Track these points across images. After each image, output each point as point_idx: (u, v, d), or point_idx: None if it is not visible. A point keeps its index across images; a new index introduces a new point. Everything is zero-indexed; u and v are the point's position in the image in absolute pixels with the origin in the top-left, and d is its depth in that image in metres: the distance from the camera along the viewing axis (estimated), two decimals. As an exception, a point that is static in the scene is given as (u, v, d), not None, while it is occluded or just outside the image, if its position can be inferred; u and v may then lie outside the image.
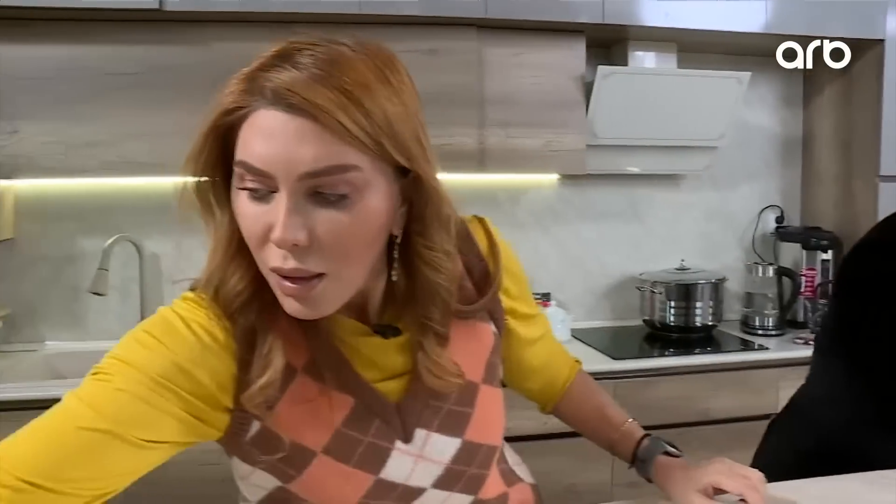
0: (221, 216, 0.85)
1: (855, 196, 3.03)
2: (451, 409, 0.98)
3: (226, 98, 0.80)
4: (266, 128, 0.77)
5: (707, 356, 2.66)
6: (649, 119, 2.82)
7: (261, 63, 0.80)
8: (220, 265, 0.86)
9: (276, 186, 0.78)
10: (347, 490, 0.92)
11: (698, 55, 3.04)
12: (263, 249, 0.81)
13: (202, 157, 0.83)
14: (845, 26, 2.84)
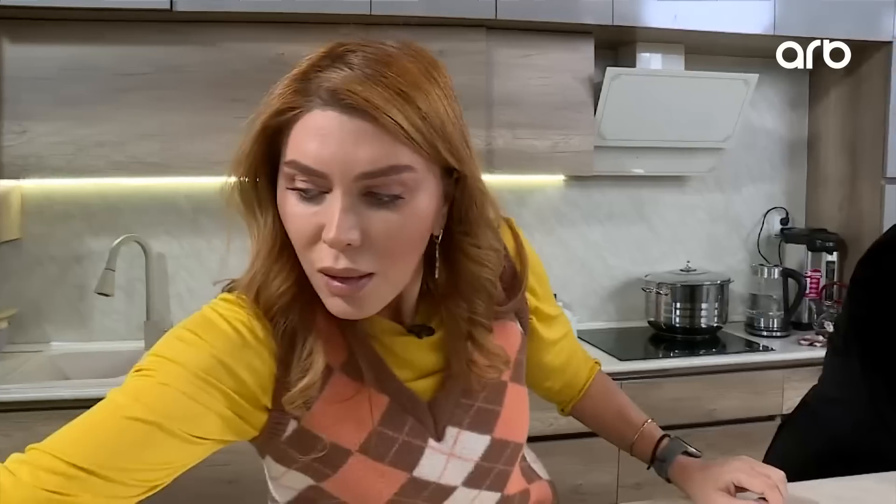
0: (264, 217, 0.86)
1: (860, 198, 3.06)
2: (480, 406, 1.00)
3: (277, 99, 0.81)
4: (321, 128, 0.78)
5: (712, 357, 2.68)
6: (656, 120, 2.84)
7: (312, 63, 0.81)
8: (264, 267, 0.86)
9: (330, 187, 0.79)
10: (381, 488, 0.93)
11: (705, 57, 3.07)
12: (312, 250, 0.82)
13: (250, 157, 0.83)
14: (852, 27, 2.87)
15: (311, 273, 0.84)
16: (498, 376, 0.99)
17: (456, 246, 0.91)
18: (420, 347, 0.97)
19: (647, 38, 2.82)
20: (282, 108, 0.80)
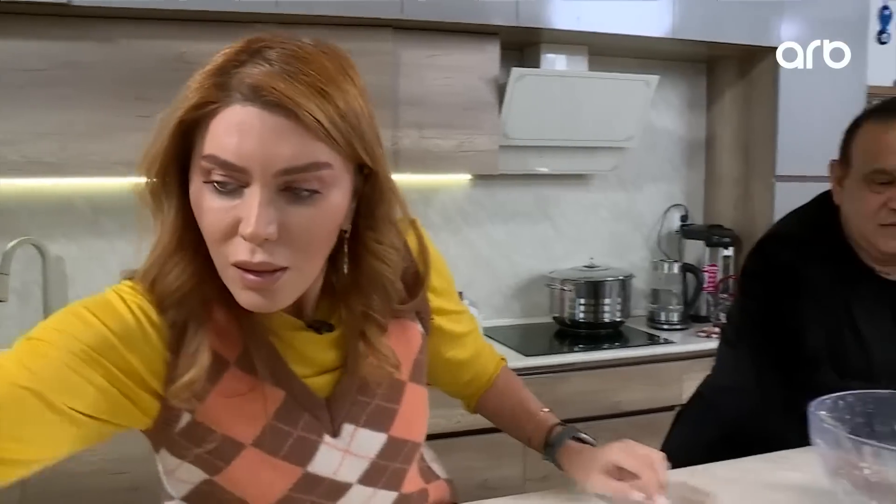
0: (168, 210, 0.86)
1: (753, 195, 3.23)
2: (378, 404, 1.03)
3: (195, 93, 0.82)
4: (242, 123, 0.79)
5: (615, 351, 2.79)
6: (560, 120, 2.93)
7: (229, 58, 0.82)
8: (161, 259, 0.87)
9: (248, 181, 0.81)
10: (275, 482, 0.94)
11: (609, 58, 3.19)
12: (227, 244, 0.83)
13: (165, 151, 0.84)
14: (745, 33, 3.03)
15: (224, 266, 0.85)
16: (386, 376, 1.01)
17: (360, 241, 0.93)
18: (319, 343, 0.99)
19: (552, 39, 2.91)
20: (200, 102, 0.81)
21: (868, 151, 1.49)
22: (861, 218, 1.50)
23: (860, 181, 1.49)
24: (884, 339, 1.55)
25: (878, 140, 1.48)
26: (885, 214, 1.46)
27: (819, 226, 1.59)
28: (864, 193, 1.48)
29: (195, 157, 0.83)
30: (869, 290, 1.55)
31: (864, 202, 1.48)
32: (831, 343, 1.52)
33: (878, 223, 1.47)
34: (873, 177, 1.47)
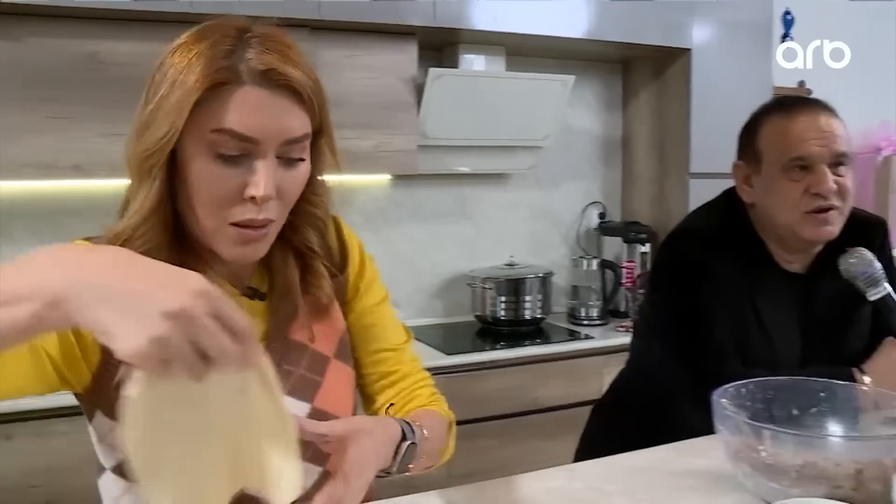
0: (155, 181, 0.96)
1: (669, 192, 3.33)
2: (302, 374, 1.09)
3: (203, 76, 0.92)
4: (256, 102, 0.94)
5: (536, 348, 2.85)
6: (478, 120, 2.97)
7: (222, 43, 0.95)
8: (135, 223, 0.97)
9: (255, 151, 0.95)
10: None
11: (526, 58, 3.25)
12: (231, 206, 0.96)
13: (177, 126, 0.93)
14: (658, 35, 3.13)
15: (218, 227, 0.98)
16: (328, 299, 1.13)
17: (301, 196, 1.06)
18: (251, 310, 1.08)
19: (470, 39, 2.96)
20: (214, 83, 0.93)
21: (780, 144, 1.56)
22: (784, 209, 1.56)
23: (777, 174, 1.56)
24: (786, 329, 1.63)
25: (788, 132, 1.55)
26: (808, 200, 1.53)
27: (726, 220, 1.66)
28: (784, 184, 1.55)
29: (195, 132, 0.94)
30: (773, 282, 1.63)
31: (786, 193, 1.55)
32: (738, 334, 1.59)
33: (803, 210, 1.54)
34: (791, 166, 1.54)
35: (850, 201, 1.57)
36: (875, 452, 1.09)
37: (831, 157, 1.53)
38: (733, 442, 1.17)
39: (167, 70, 0.96)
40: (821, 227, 1.55)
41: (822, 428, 1.31)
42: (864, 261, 1.52)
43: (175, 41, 0.99)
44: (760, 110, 1.65)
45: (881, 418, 1.28)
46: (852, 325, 1.65)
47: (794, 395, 1.32)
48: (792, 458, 1.10)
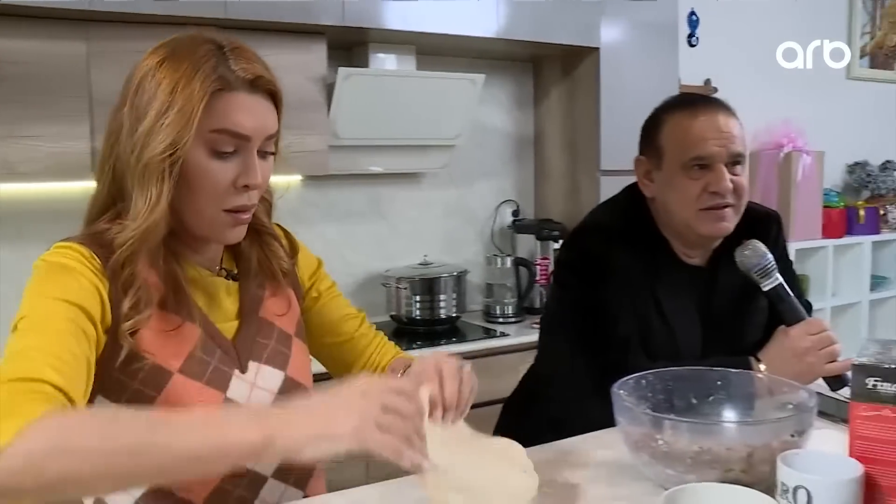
0: (170, 183, 1.10)
1: (580, 189, 3.40)
2: (274, 346, 1.27)
3: (204, 84, 1.08)
4: (249, 106, 1.13)
5: (452, 346, 2.88)
6: (390, 119, 2.99)
7: (207, 56, 1.10)
8: (149, 226, 1.10)
9: (246, 147, 1.13)
10: (202, 407, 1.12)
11: (437, 57, 3.27)
12: (227, 195, 1.14)
13: (192, 130, 1.08)
14: (568, 34, 3.19)
15: (215, 215, 1.15)
16: (286, 270, 1.31)
17: None
18: (227, 290, 1.26)
19: (379, 38, 2.97)
20: (215, 90, 1.09)
21: (681, 142, 1.62)
22: (682, 205, 1.63)
23: (677, 170, 1.62)
24: (687, 320, 1.69)
25: (689, 130, 1.61)
26: (705, 198, 1.60)
27: (628, 215, 1.72)
28: (683, 181, 1.61)
29: (195, 134, 1.09)
30: (674, 275, 1.69)
31: (685, 190, 1.61)
32: (641, 327, 1.64)
33: (699, 208, 1.60)
34: (691, 164, 1.60)
35: (745, 199, 1.65)
36: (764, 436, 1.15)
37: (729, 156, 1.60)
38: (632, 432, 1.22)
39: (158, 82, 1.10)
40: (716, 223, 1.62)
41: (719, 415, 1.37)
42: (758, 253, 1.59)
43: (149, 57, 1.13)
44: (662, 106, 1.71)
45: (775, 403, 1.34)
46: (750, 315, 1.72)
47: (692, 385, 1.38)
48: (687, 445, 1.15)
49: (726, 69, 4.20)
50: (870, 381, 1.04)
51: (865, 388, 1.05)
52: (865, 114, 4.89)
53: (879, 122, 4.99)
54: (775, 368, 1.56)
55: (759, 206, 1.82)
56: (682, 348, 1.66)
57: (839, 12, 4.75)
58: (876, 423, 1.04)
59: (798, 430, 1.16)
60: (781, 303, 1.59)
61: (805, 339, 1.56)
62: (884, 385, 1.03)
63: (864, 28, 4.81)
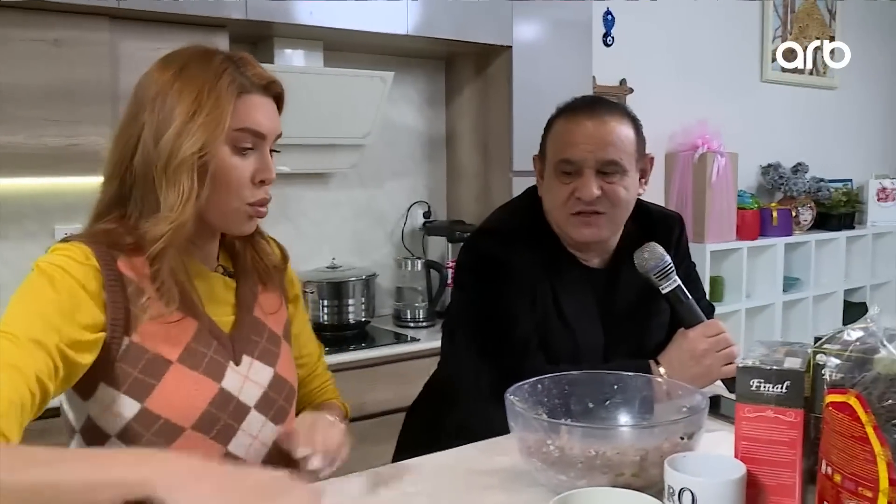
0: (199, 180, 1.22)
1: (492, 190, 3.43)
2: (265, 345, 1.38)
3: (230, 87, 1.23)
4: (264, 107, 1.28)
5: (362, 352, 2.87)
6: (296, 117, 2.92)
7: (222, 65, 1.24)
8: (182, 221, 1.20)
9: (262, 145, 1.28)
10: (197, 397, 1.24)
11: (346, 54, 3.27)
12: (247, 189, 1.26)
13: (224, 129, 1.22)
14: (481, 32, 3.22)
15: (237, 208, 1.27)
16: (275, 263, 1.46)
17: None
18: (225, 286, 1.37)
19: (286, 33, 2.95)
20: (237, 92, 1.23)
21: (557, 144, 1.67)
22: (554, 208, 1.68)
23: (552, 172, 1.67)
24: (588, 323, 1.72)
25: (565, 133, 1.65)
26: (572, 203, 1.64)
27: (527, 218, 1.75)
28: (556, 184, 1.66)
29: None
30: (574, 277, 1.72)
31: (556, 193, 1.66)
32: (540, 330, 1.67)
33: (568, 212, 1.64)
34: (561, 167, 1.64)
35: (622, 207, 1.67)
36: (655, 439, 1.18)
37: (597, 163, 1.62)
38: (525, 438, 1.23)
39: (180, 91, 1.22)
40: (583, 229, 1.66)
41: (616, 419, 1.40)
42: (656, 255, 1.63)
43: (160, 71, 1.26)
44: (557, 109, 1.74)
45: (672, 407, 1.38)
46: (652, 317, 1.76)
47: (589, 389, 1.41)
48: (580, 450, 1.17)
49: (642, 70, 4.30)
50: (753, 383, 1.08)
51: (749, 390, 1.09)
52: (778, 116, 5.07)
53: (791, 124, 5.18)
54: (674, 371, 1.60)
55: (661, 207, 1.86)
56: (584, 350, 1.69)
57: (752, 15, 4.90)
58: (759, 424, 1.08)
59: (688, 433, 1.20)
60: (680, 305, 1.63)
61: (702, 342, 1.61)
62: (766, 386, 1.07)
63: (777, 31, 4.98)
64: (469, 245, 1.76)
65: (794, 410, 1.06)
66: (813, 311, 4.99)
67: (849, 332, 1.01)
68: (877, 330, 0.99)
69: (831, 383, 1.00)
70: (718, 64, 4.71)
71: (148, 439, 1.21)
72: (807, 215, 4.99)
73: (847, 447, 0.96)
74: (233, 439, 1.29)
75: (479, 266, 1.69)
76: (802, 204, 4.95)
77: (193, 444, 1.24)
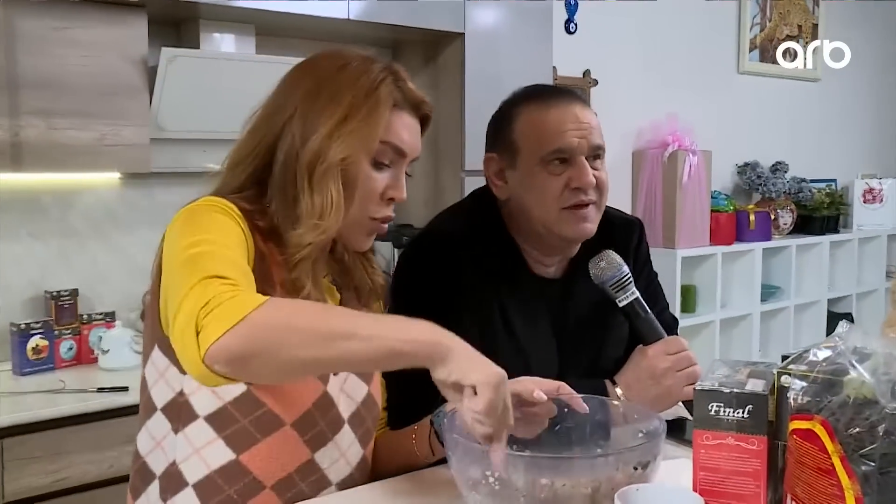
0: (342, 187, 1.30)
1: (443, 191, 3.41)
2: None
3: (387, 98, 1.32)
4: (409, 124, 1.37)
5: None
6: (226, 109, 2.87)
7: (387, 73, 1.34)
8: (332, 224, 1.29)
9: (399, 163, 1.36)
10: (304, 393, 1.30)
11: (280, 39, 3.23)
12: (375, 204, 1.34)
13: (377, 139, 1.31)
14: (430, 17, 3.20)
15: (361, 221, 1.35)
16: (381, 283, 1.50)
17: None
18: (331, 298, 1.42)
19: (213, 15, 2.90)
20: (391, 105, 1.32)
21: (538, 135, 1.63)
22: (542, 205, 1.62)
23: (535, 167, 1.62)
24: (541, 338, 1.69)
25: (545, 122, 1.62)
26: (567, 195, 1.61)
27: (474, 221, 1.72)
28: (543, 178, 1.62)
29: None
30: (525, 288, 1.69)
31: (545, 187, 1.61)
32: (487, 347, 1.62)
33: (561, 206, 1.61)
34: (550, 158, 1.61)
35: (606, 196, 1.67)
36: (608, 469, 1.15)
37: (590, 149, 1.62)
38: (463, 469, 1.20)
39: (338, 88, 1.30)
40: (580, 223, 1.63)
41: (567, 447, 1.37)
42: (613, 264, 1.61)
43: (319, 63, 1.38)
44: (512, 99, 1.72)
45: (630, 432, 1.36)
46: (609, 331, 1.74)
47: (537, 413, 1.37)
48: (523, 483, 1.14)
49: (608, 60, 4.30)
50: (712, 407, 1.07)
51: (708, 415, 1.07)
52: (755, 111, 5.10)
53: (769, 120, 5.21)
54: (633, 392, 1.59)
55: (619, 211, 1.85)
56: (535, 370, 1.64)
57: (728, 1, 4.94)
58: (719, 453, 1.07)
59: (642, 462, 1.17)
60: (638, 319, 1.62)
61: (663, 360, 1.59)
62: (727, 411, 1.05)
63: (755, 19, 5.02)
64: (408, 252, 1.73)
65: (756, 437, 1.05)
66: (794, 323, 5.04)
67: (815, 352, 1.00)
68: (846, 349, 0.97)
69: (796, 408, 0.99)
70: (691, 54, 4.73)
71: (242, 427, 1.27)
72: (787, 218, 5.02)
73: (813, 479, 0.95)
74: (322, 448, 1.34)
75: (418, 275, 1.66)
76: (782, 206, 4.98)
77: (287, 442, 1.30)
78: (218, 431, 1.28)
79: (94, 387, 2.51)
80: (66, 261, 2.93)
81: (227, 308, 1.06)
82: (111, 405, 2.44)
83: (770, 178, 4.94)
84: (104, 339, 2.78)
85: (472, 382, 1.09)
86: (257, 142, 1.37)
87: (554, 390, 1.33)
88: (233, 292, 1.09)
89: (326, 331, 1.08)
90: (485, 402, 1.07)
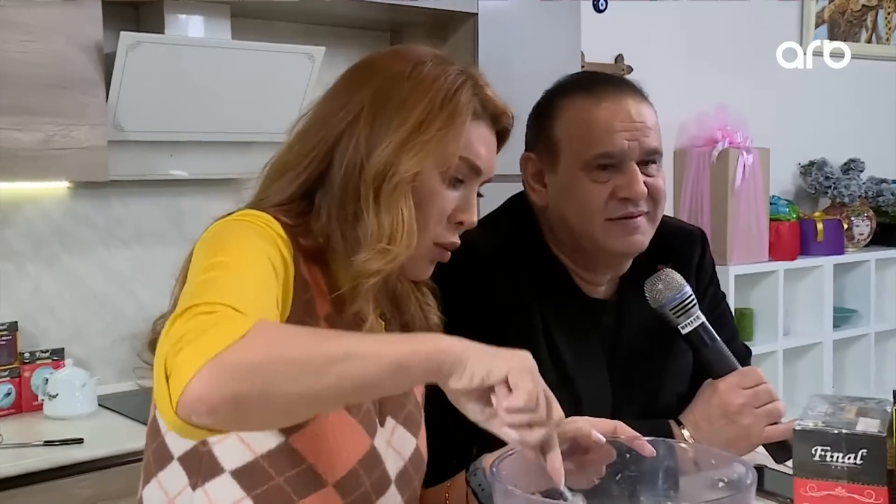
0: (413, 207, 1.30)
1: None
2: (410, 409, 1.44)
3: (466, 106, 1.30)
4: (486, 139, 1.36)
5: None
6: (196, 106, 2.93)
7: (465, 79, 1.33)
8: (405, 248, 1.26)
9: (472, 181, 1.36)
10: (349, 449, 1.29)
11: (261, 23, 3.25)
12: (442, 226, 1.34)
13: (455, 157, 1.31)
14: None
15: (426, 245, 1.33)
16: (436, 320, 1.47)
17: None
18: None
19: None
20: (470, 113, 1.31)
21: (582, 135, 1.62)
22: (584, 216, 1.62)
23: (577, 172, 1.62)
24: (593, 371, 1.69)
25: (592, 120, 1.61)
26: (614, 206, 1.60)
27: (512, 234, 1.71)
28: (585, 185, 1.61)
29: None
30: (573, 310, 1.68)
31: (588, 196, 1.61)
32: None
33: (606, 218, 1.60)
34: (595, 163, 1.60)
35: (662, 206, 1.66)
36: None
37: (642, 153, 1.61)
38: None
39: (412, 89, 1.29)
40: (629, 236, 1.62)
41: (632, 498, 1.35)
42: (673, 285, 1.60)
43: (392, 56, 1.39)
44: (557, 89, 1.71)
45: (704, 481, 1.33)
46: (671, 362, 1.74)
47: (595, 459, 1.36)
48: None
49: (643, 43, 4.31)
50: (816, 451, 1.04)
51: (811, 461, 1.05)
52: (822, 99, 5.08)
53: (840, 109, 5.19)
54: (703, 434, 1.58)
55: (679, 221, 1.85)
56: (587, 407, 1.63)
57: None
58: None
59: (729, 519, 1.15)
60: (705, 348, 1.61)
61: (737, 395, 1.57)
62: (835, 456, 1.03)
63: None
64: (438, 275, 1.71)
65: (873, 488, 1.03)
66: (875, 353, 5.01)
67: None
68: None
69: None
70: (743, 34, 4.73)
71: (276, 486, 1.25)
72: (863, 227, 5.00)
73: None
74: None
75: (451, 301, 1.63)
76: (857, 213, 4.97)
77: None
78: (247, 490, 1.25)
79: (38, 440, 2.49)
80: (3, 288, 2.92)
81: (200, 345, 1.01)
82: (61, 461, 2.42)
83: (842, 180, 4.92)
84: (51, 382, 2.76)
85: (501, 376, 1.07)
86: (310, 148, 1.35)
87: (610, 431, 1.30)
88: (213, 321, 1.04)
89: (318, 355, 1.05)
90: (525, 392, 1.05)
